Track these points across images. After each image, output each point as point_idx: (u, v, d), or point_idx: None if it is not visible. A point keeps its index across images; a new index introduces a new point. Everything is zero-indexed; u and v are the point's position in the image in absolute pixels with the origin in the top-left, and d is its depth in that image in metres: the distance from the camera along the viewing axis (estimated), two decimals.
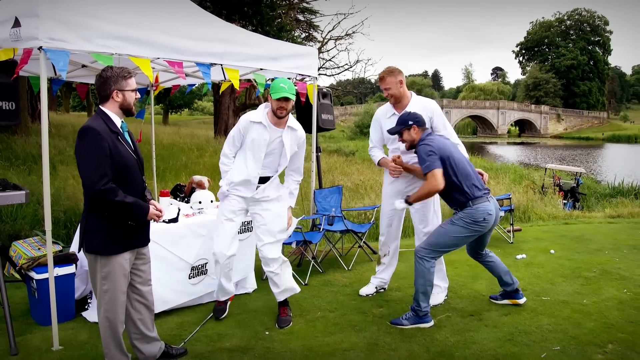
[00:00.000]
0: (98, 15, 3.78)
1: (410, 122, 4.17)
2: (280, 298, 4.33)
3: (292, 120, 4.19)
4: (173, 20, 4.53)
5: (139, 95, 3.25)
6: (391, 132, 4.32)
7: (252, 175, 4.12)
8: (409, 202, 4.17)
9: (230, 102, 19.42)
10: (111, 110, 3.11)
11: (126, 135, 3.17)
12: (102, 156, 2.94)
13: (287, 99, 3.96)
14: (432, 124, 4.63)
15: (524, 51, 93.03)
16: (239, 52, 4.73)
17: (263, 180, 4.18)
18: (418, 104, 4.60)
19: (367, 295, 4.89)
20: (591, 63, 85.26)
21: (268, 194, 4.20)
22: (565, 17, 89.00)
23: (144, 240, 3.31)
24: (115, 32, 3.80)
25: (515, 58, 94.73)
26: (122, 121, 3.18)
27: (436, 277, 4.81)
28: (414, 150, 4.24)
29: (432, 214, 4.72)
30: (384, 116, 4.72)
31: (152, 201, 3.26)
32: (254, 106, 16.99)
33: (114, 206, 2.99)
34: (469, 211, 4.06)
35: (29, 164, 9.47)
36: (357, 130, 37.61)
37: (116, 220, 3.07)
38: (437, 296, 4.74)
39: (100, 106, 3.13)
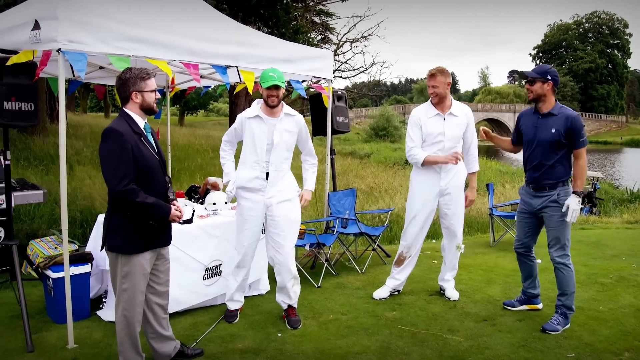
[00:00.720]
0: (116, 17, 3.82)
1: (549, 77, 4.05)
2: (285, 306, 4.36)
3: (286, 107, 4.23)
4: (189, 22, 4.56)
5: (159, 95, 3.28)
6: (524, 74, 4.14)
7: (259, 170, 4.12)
8: (579, 194, 4.00)
9: (246, 104, 19.46)
10: (133, 111, 3.16)
11: (149, 136, 3.21)
12: (124, 157, 2.98)
13: (277, 87, 4.00)
14: (467, 130, 4.66)
15: (541, 54, 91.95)
16: (254, 55, 4.75)
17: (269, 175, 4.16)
18: (459, 108, 4.63)
19: (380, 299, 4.88)
20: (610, 66, 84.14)
21: (283, 194, 4.18)
22: (584, 20, 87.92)
23: (166, 240, 3.35)
24: (132, 35, 3.85)
25: (532, 61, 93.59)
26: (145, 122, 3.22)
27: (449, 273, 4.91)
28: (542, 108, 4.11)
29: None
30: (425, 116, 4.62)
31: (175, 201, 3.30)
32: None
33: (135, 207, 3.02)
34: (568, 190, 4.06)
35: (46, 164, 9.59)
36: (372, 133, 37.45)
37: (139, 220, 3.11)
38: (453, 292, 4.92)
39: (122, 107, 3.18)
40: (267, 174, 4.13)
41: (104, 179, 3.05)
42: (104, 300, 4.52)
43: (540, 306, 4.53)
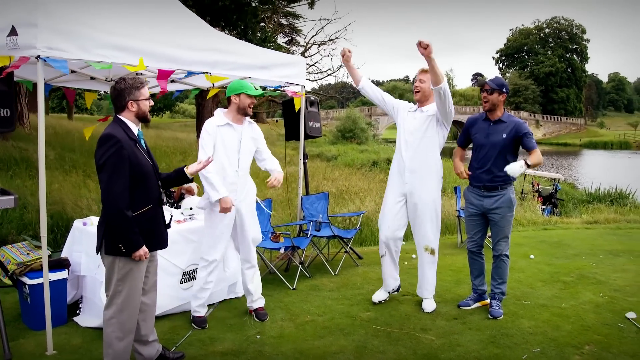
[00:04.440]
0: (95, 25, 3.85)
1: (505, 90, 4.42)
2: (256, 306, 4.57)
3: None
4: (168, 30, 4.60)
5: (152, 103, 3.36)
6: (485, 83, 4.41)
7: (232, 177, 4.24)
8: (528, 164, 4.27)
9: (214, 106, 19.31)
10: (128, 119, 3.25)
11: (142, 142, 3.31)
12: (123, 167, 3.07)
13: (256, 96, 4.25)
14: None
15: (503, 57, 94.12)
16: (230, 61, 4.83)
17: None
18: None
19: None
20: (569, 70, 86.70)
21: (249, 196, 4.41)
22: (544, 25, 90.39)
23: (163, 243, 3.44)
24: (112, 42, 3.87)
25: (495, 64, 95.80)
26: (138, 129, 3.31)
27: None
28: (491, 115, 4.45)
29: None
30: (406, 110, 4.93)
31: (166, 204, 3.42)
32: None
33: (122, 222, 3.08)
34: (512, 187, 4.47)
35: (13, 168, 9.38)
36: (339, 135, 37.56)
37: (137, 224, 3.17)
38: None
39: (117, 115, 3.26)
40: (237, 178, 4.29)
41: (103, 187, 3.08)
42: (80, 306, 4.51)
43: (488, 301, 4.75)
